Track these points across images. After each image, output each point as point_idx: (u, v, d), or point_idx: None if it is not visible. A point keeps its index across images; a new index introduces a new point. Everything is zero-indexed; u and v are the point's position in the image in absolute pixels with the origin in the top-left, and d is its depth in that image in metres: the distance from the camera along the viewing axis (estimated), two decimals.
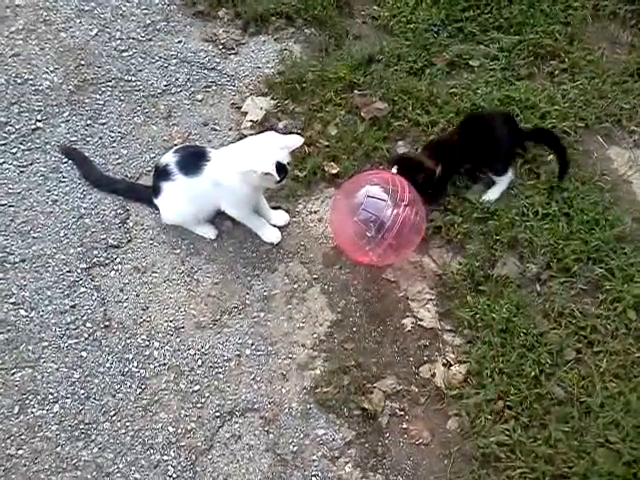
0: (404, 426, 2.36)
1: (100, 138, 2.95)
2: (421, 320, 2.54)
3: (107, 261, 2.66)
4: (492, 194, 2.76)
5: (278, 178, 2.40)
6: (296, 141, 2.47)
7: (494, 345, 2.42)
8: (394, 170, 2.63)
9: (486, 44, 3.20)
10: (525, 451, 2.23)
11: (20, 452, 2.30)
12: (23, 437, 2.32)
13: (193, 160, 2.55)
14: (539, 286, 2.57)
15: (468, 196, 2.76)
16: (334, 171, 2.84)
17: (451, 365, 2.44)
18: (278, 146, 2.44)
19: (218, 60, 3.22)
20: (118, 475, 2.27)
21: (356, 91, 3.07)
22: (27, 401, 2.38)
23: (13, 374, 2.42)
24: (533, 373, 2.36)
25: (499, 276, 2.57)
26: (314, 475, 2.28)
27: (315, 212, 2.79)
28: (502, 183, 2.77)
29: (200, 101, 3.10)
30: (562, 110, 2.96)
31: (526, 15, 3.22)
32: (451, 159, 2.72)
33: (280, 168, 2.40)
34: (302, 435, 2.34)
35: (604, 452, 2.21)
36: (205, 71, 3.18)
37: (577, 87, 3.05)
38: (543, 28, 3.19)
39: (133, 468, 2.28)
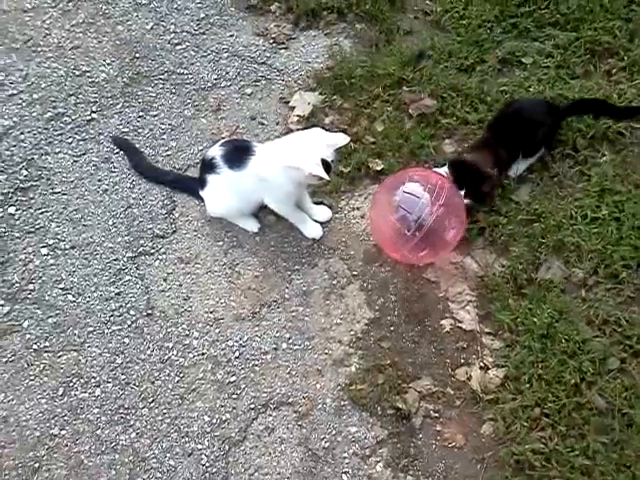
0: (438, 428, 2.34)
1: (151, 130, 3.02)
2: (460, 322, 2.51)
3: (152, 251, 2.73)
4: (520, 168, 2.74)
5: (327, 178, 2.40)
6: (342, 139, 2.47)
7: (534, 350, 2.37)
8: (446, 172, 2.62)
9: (541, 41, 3.12)
10: (561, 461, 2.18)
11: (63, 432, 2.39)
12: (66, 418, 2.41)
13: (238, 154, 2.57)
14: (584, 292, 2.49)
15: (514, 198, 2.69)
16: (378, 168, 2.82)
17: (488, 369, 2.40)
18: (324, 143, 2.44)
19: (268, 54, 3.25)
20: (154, 461, 2.33)
21: (405, 87, 3.04)
22: (71, 384, 2.47)
23: (59, 357, 2.51)
24: (573, 381, 2.29)
25: (543, 280, 2.51)
26: (345, 472, 2.29)
27: (358, 209, 2.79)
28: (533, 159, 2.76)
29: (249, 95, 3.13)
30: None
31: (584, 11, 3.12)
32: (501, 158, 2.67)
33: (324, 166, 2.41)
34: (334, 431, 2.35)
35: None
36: (255, 65, 3.21)
37: (635, 86, 2.93)
38: (602, 24, 3.09)
39: (168, 455, 2.34)
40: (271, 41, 3.28)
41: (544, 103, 2.80)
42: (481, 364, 2.41)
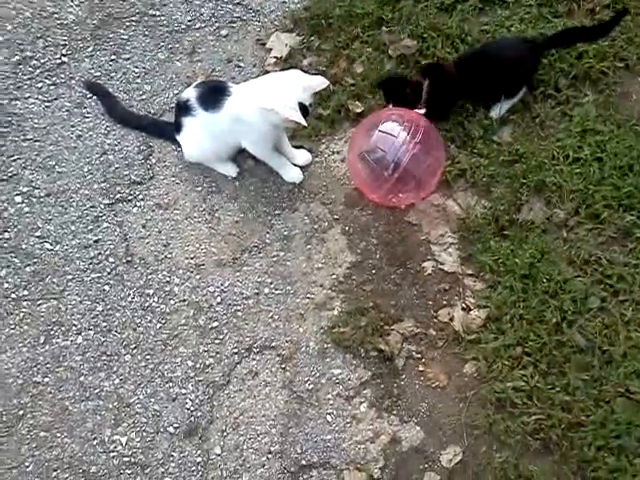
0: (420, 369, 2.36)
1: (124, 74, 2.93)
2: (442, 264, 2.51)
3: (130, 197, 2.68)
4: (502, 109, 2.71)
5: (303, 123, 2.36)
6: (320, 83, 2.41)
7: (516, 290, 2.38)
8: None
9: None
10: (542, 398, 2.22)
11: (46, 380, 2.38)
12: (49, 366, 2.40)
13: (214, 95, 2.50)
14: (565, 232, 2.50)
15: (496, 139, 2.67)
16: (358, 110, 2.77)
17: (470, 310, 2.41)
18: (301, 86, 2.38)
19: None
20: (138, 406, 2.34)
21: (384, 28, 2.95)
22: (52, 332, 2.45)
23: (39, 305, 2.48)
24: (554, 320, 2.32)
25: (524, 221, 2.51)
26: (329, 413, 2.31)
27: (338, 152, 2.74)
28: (515, 99, 2.73)
29: (224, 37, 3.03)
30: (601, 49, 2.80)
31: None
32: (449, 80, 2.66)
33: (302, 109, 2.35)
34: (318, 374, 2.36)
35: (623, 402, 2.18)
36: (230, 6, 3.10)
37: (619, 25, 2.88)
38: None
39: (152, 400, 2.34)
40: None
41: (522, 40, 2.74)
42: (463, 305, 2.42)
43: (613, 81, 2.78)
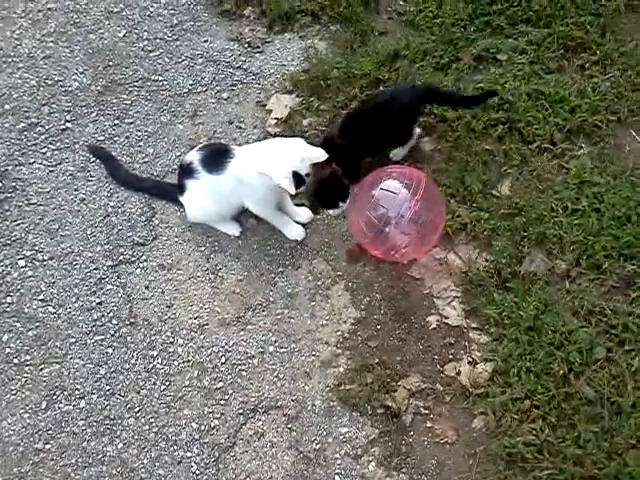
0: (428, 425, 2.33)
1: (127, 137, 2.99)
2: (446, 318, 2.51)
3: (133, 259, 2.69)
4: (401, 151, 2.82)
5: (292, 192, 2.42)
6: (319, 155, 2.46)
7: (521, 343, 2.37)
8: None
9: (514, 37, 3.13)
10: (553, 452, 2.18)
11: (47, 447, 2.34)
12: (50, 432, 2.36)
13: (217, 157, 2.56)
14: (568, 283, 2.50)
15: (495, 192, 2.70)
16: None
17: (477, 363, 2.39)
18: (300, 155, 2.44)
19: (244, 59, 3.23)
20: (142, 470, 2.29)
21: (381, 87, 3.03)
22: (54, 396, 2.42)
23: (41, 370, 2.47)
24: (561, 372, 2.30)
25: (526, 273, 2.52)
26: (337, 473, 2.26)
27: None
28: (410, 142, 2.82)
29: (226, 99, 3.11)
30: (593, 103, 2.88)
31: (556, 7, 3.14)
32: (341, 148, 2.71)
33: (297, 178, 2.42)
34: (325, 433, 2.33)
35: (636, 453, 2.14)
36: (231, 70, 3.19)
37: (609, 80, 2.97)
38: (574, 20, 3.12)
39: (157, 464, 2.30)
40: (246, 45, 3.26)
41: (402, 91, 2.83)
42: (469, 359, 2.41)
43: (606, 134, 2.84)
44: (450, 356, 2.43)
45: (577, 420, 2.22)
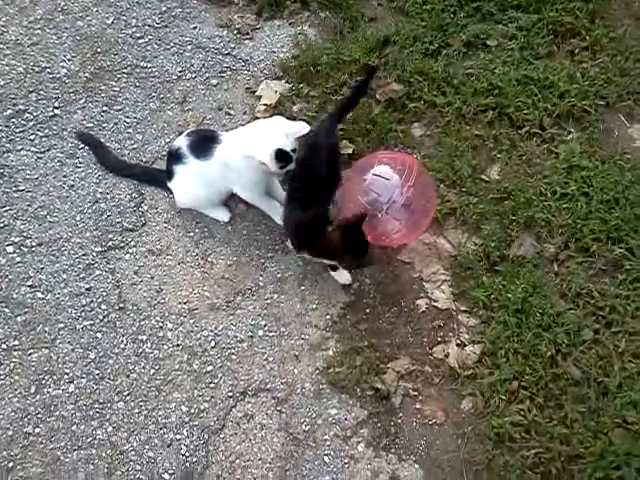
0: (417, 406, 2.34)
1: (115, 124, 2.98)
2: (435, 301, 2.51)
3: (122, 244, 2.68)
4: None
5: (273, 169, 2.41)
6: (301, 128, 2.45)
7: (509, 325, 2.38)
8: None
9: (504, 23, 3.15)
10: (540, 431, 2.20)
11: (37, 430, 2.33)
12: (40, 416, 2.35)
13: (204, 143, 2.55)
14: (556, 266, 2.52)
15: (484, 177, 2.71)
16: (349, 151, 2.81)
17: (465, 345, 2.40)
18: (282, 132, 2.42)
19: (233, 45, 3.22)
20: (132, 453, 2.29)
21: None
22: (43, 381, 2.41)
23: (30, 354, 2.45)
24: (549, 353, 2.31)
25: (515, 256, 2.53)
26: (326, 454, 2.27)
27: None
28: None
29: (215, 86, 3.10)
30: (582, 89, 2.90)
31: None
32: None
33: (282, 155, 2.40)
34: (314, 415, 2.33)
35: (621, 432, 2.16)
36: (220, 56, 3.19)
37: (598, 65, 2.99)
38: (563, 5, 3.14)
39: (147, 447, 2.30)
40: (235, 32, 3.26)
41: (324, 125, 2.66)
42: (458, 341, 2.42)
43: (595, 119, 2.86)
44: (439, 338, 2.44)
45: (564, 400, 2.24)
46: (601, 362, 2.29)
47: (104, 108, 3.02)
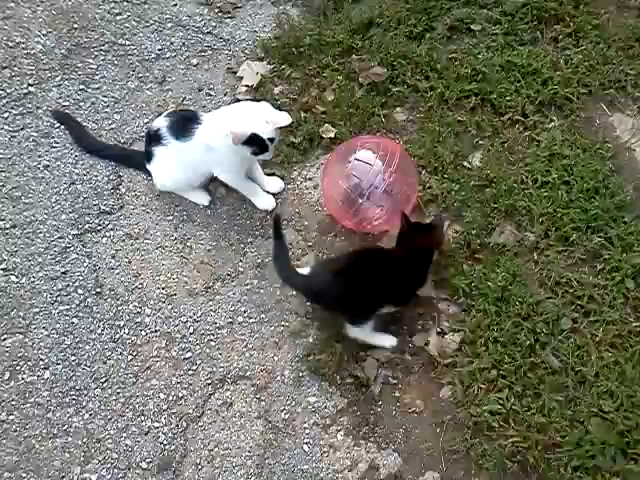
0: (397, 394, 2.34)
1: (93, 103, 2.90)
2: None
3: (99, 227, 2.63)
4: None
5: (246, 152, 2.39)
6: (282, 119, 2.38)
7: (489, 314, 2.39)
8: None
9: (489, 8, 3.11)
10: (518, 420, 2.21)
11: (11, 417, 2.30)
12: (14, 403, 2.32)
13: (184, 124, 2.49)
14: (536, 255, 2.52)
15: (466, 164, 2.70)
16: (331, 135, 2.78)
17: (445, 334, 2.40)
18: (264, 119, 2.36)
19: (214, 24, 3.15)
20: (109, 441, 2.27)
21: (354, 56, 3.00)
22: (18, 367, 2.37)
23: (4, 340, 2.41)
24: (528, 342, 2.32)
25: (496, 244, 2.53)
26: (305, 443, 2.27)
27: (310, 179, 2.75)
28: None
29: (195, 66, 3.04)
30: (565, 76, 2.88)
31: None
32: None
33: (260, 142, 2.36)
34: (294, 403, 2.33)
35: (598, 421, 2.18)
36: (200, 35, 3.12)
37: (581, 52, 2.96)
38: None
39: (124, 434, 2.28)
40: (216, 10, 3.19)
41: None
42: (438, 329, 2.41)
43: (577, 107, 2.84)
44: (419, 327, 2.44)
45: (542, 389, 2.25)
46: (579, 351, 2.31)
47: (81, 86, 2.94)
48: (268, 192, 2.68)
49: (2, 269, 2.53)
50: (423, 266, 2.38)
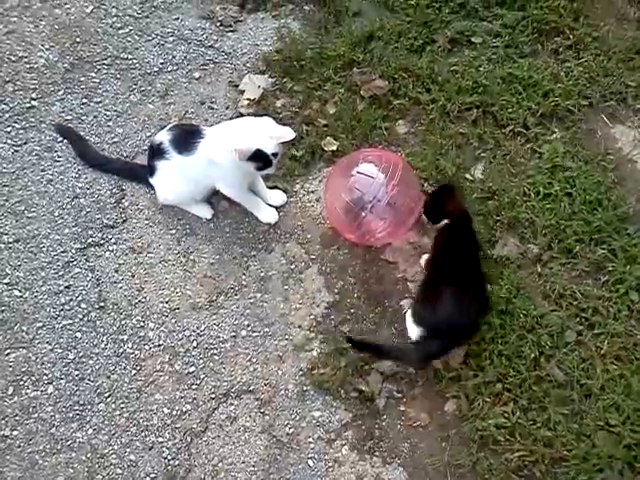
0: (401, 408, 2.33)
1: (95, 117, 2.91)
2: None
3: (102, 241, 2.63)
4: None
5: (250, 167, 2.39)
6: (286, 134, 2.39)
7: (493, 327, 2.38)
8: None
9: (489, 20, 3.12)
10: (524, 434, 2.21)
11: (15, 433, 2.29)
12: (17, 418, 2.31)
13: (187, 138, 2.50)
14: (540, 267, 2.52)
15: (469, 176, 2.70)
16: (333, 148, 2.78)
17: None
18: (267, 134, 2.37)
19: (216, 38, 3.16)
20: (113, 457, 2.26)
21: (355, 69, 3.00)
22: (21, 382, 2.37)
23: (7, 355, 2.41)
24: (533, 355, 2.32)
25: (499, 257, 2.53)
26: (310, 457, 2.26)
27: (313, 192, 2.75)
28: None
29: (197, 79, 3.04)
30: (566, 88, 2.89)
31: None
32: None
33: (263, 157, 2.36)
34: (298, 417, 2.32)
35: (604, 435, 2.18)
36: (202, 49, 3.12)
37: (581, 64, 2.98)
38: (548, 3, 3.11)
39: (128, 450, 2.27)
40: (218, 24, 3.19)
41: None
42: None
43: (578, 118, 2.86)
44: None
45: (547, 403, 2.26)
46: (584, 364, 2.31)
47: (83, 100, 2.94)
48: (271, 205, 2.68)
49: (5, 283, 2.53)
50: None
